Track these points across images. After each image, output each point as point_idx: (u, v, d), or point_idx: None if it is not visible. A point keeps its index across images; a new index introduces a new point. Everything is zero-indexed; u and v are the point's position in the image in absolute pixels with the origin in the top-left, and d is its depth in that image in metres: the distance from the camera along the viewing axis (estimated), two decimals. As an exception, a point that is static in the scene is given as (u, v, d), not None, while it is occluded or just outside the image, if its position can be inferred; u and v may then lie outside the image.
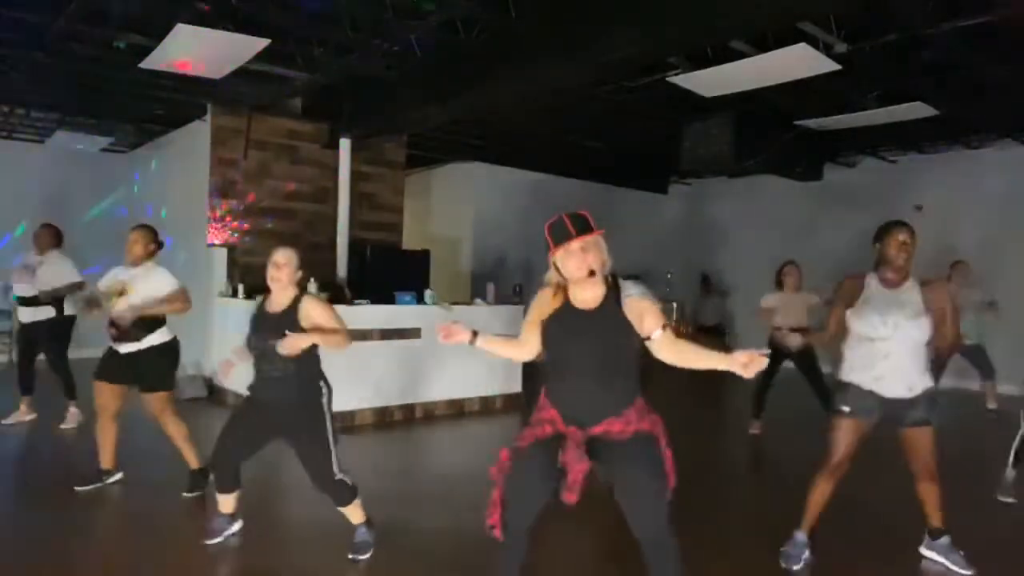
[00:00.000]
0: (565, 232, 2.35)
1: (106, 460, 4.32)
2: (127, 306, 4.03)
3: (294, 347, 3.15)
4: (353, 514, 3.42)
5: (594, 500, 2.52)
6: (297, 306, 3.30)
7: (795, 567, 3.34)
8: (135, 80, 6.51)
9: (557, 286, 2.45)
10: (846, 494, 3.51)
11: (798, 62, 5.48)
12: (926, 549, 3.51)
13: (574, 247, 2.34)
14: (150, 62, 5.62)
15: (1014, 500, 4.42)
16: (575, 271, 2.36)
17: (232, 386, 6.16)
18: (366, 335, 6.24)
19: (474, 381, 7.05)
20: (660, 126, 8.27)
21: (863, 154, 9.96)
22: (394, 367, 6.53)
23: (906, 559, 3.52)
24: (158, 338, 4.18)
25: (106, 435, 4.29)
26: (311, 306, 3.32)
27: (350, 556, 3.37)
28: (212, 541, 3.46)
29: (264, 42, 5.28)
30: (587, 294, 2.41)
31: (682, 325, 11.37)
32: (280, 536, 3.75)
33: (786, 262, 6.28)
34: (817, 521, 3.41)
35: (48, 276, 5.78)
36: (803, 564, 3.37)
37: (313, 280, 5.86)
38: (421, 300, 6.81)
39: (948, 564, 3.39)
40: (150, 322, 4.13)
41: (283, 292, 3.34)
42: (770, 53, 5.37)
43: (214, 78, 6.06)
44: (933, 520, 3.43)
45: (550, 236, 2.39)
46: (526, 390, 7.29)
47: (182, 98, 7.30)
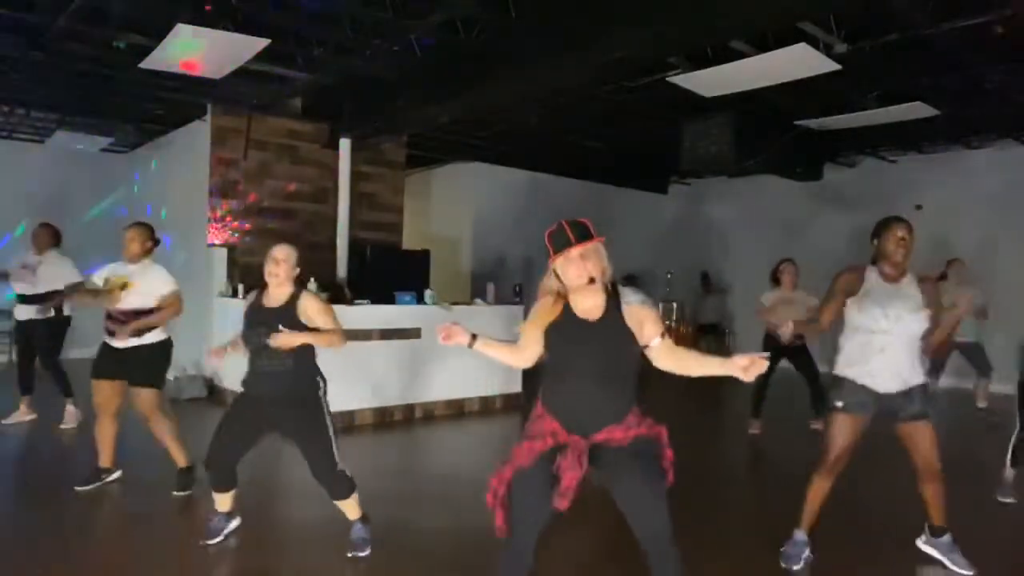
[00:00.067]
0: (565, 239, 2.35)
1: (105, 459, 4.33)
2: (131, 317, 4.08)
3: (287, 344, 3.16)
4: (350, 509, 3.42)
5: (595, 501, 2.52)
6: (296, 302, 3.31)
7: (795, 567, 3.34)
8: (135, 80, 6.52)
9: (557, 294, 2.45)
10: (845, 492, 3.51)
11: (798, 62, 5.49)
12: (926, 545, 3.50)
13: (574, 254, 2.33)
14: (150, 62, 5.62)
15: (1014, 500, 4.42)
16: (575, 278, 2.35)
17: (232, 385, 6.15)
18: (366, 335, 6.24)
19: (474, 381, 7.05)
20: (660, 126, 8.27)
21: (863, 154, 9.96)
22: (394, 367, 6.53)
23: (907, 557, 3.52)
24: (154, 336, 4.21)
25: (105, 434, 4.30)
26: (309, 302, 3.33)
27: (349, 554, 3.37)
28: (212, 541, 3.46)
29: (264, 42, 5.28)
30: (588, 302, 2.40)
31: (682, 324, 11.39)
32: (279, 536, 3.76)
33: (782, 260, 6.28)
34: (816, 519, 3.40)
35: (48, 276, 5.78)
36: (803, 564, 3.36)
37: (313, 280, 5.87)
38: (421, 300, 6.81)
39: (948, 563, 3.39)
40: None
41: (281, 288, 3.34)
42: (770, 53, 5.37)
43: (214, 78, 6.06)
44: (935, 518, 3.41)
45: (550, 244, 2.39)
46: (526, 390, 7.30)
47: (182, 98, 7.30)
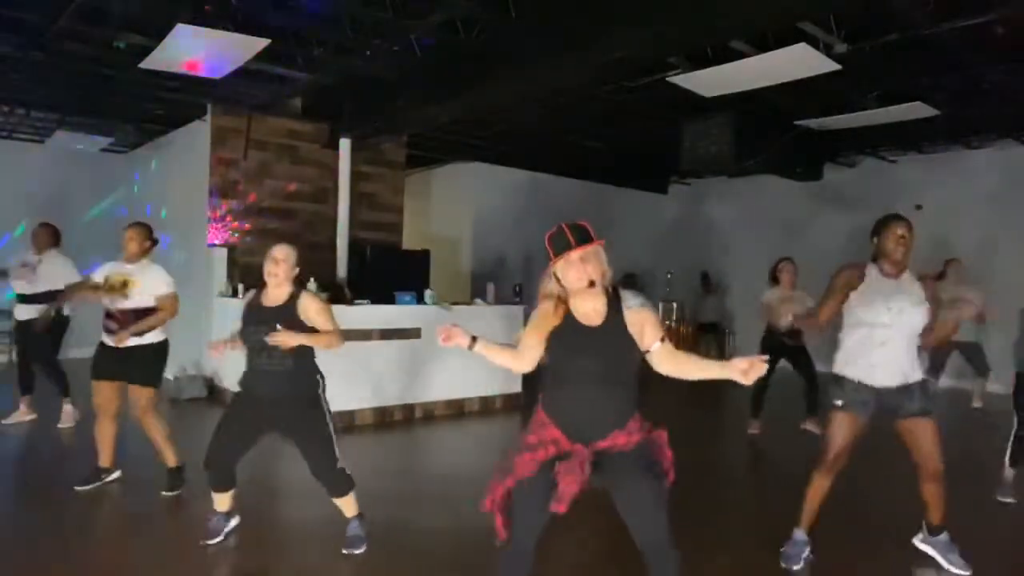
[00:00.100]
0: (565, 242, 2.34)
1: (105, 459, 4.34)
2: (130, 315, 4.09)
3: (285, 343, 3.17)
4: (347, 506, 3.44)
5: (595, 502, 2.52)
6: (295, 302, 3.31)
7: (795, 567, 3.34)
8: (135, 80, 6.51)
9: (557, 298, 2.44)
10: (845, 491, 3.51)
11: (798, 62, 5.48)
12: (923, 543, 3.51)
13: (574, 257, 2.32)
14: (150, 62, 5.62)
15: (1013, 500, 4.42)
16: (575, 281, 2.34)
17: (232, 385, 6.14)
18: (366, 335, 6.24)
19: (474, 381, 7.05)
20: (660, 126, 8.26)
21: (863, 154, 9.96)
22: (394, 367, 6.53)
23: (906, 557, 3.52)
24: (152, 337, 4.22)
25: (105, 434, 4.30)
26: (309, 302, 3.34)
27: (344, 551, 3.38)
28: (212, 541, 3.46)
29: (264, 42, 5.28)
30: (588, 306, 2.40)
31: (682, 324, 11.40)
32: (278, 535, 3.76)
33: (781, 259, 6.27)
34: (816, 519, 3.40)
35: (47, 275, 5.78)
36: (803, 563, 3.36)
37: (313, 280, 5.87)
38: (421, 300, 6.81)
39: (944, 562, 3.39)
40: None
41: (280, 287, 3.34)
42: (770, 53, 5.37)
43: (214, 78, 6.06)
44: (935, 517, 3.41)
45: (550, 247, 2.38)
46: (526, 390, 7.30)
47: (182, 98, 7.30)
